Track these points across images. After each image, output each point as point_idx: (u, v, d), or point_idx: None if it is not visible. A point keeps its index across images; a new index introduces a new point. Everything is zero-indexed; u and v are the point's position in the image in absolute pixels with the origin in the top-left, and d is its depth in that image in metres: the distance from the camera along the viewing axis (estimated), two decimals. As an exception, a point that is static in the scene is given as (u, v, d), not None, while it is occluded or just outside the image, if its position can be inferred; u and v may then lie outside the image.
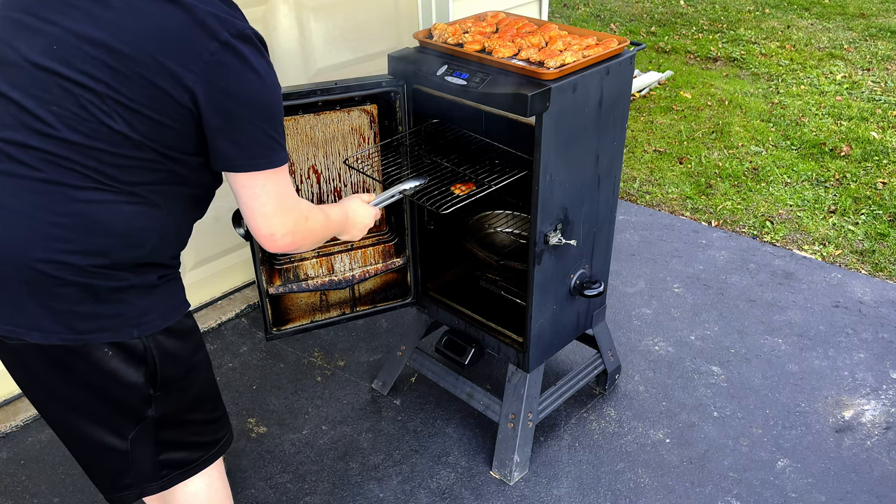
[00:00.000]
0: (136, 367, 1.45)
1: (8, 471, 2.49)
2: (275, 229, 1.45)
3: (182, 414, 1.59)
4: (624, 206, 4.02)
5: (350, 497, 2.39)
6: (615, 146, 2.23)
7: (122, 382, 1.45)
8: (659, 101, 5.36)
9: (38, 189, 1.32)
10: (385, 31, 3.33)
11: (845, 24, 6.98)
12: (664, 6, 7.84)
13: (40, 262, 1.32)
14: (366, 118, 2.24)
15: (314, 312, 2.46)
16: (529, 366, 2.34)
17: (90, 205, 1.33)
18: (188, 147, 1.37)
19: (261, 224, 1.44)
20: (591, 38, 2.11)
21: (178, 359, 1.52)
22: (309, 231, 1.54)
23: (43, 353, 1.40)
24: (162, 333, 1.47)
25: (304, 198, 2.31)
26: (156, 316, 1.45)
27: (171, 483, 1.63)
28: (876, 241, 3.67)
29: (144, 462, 1.57)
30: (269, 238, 1.46)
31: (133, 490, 1.60)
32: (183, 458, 1.63)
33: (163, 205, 1.42)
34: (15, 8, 1.34)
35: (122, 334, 1.41)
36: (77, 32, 1.28)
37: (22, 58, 1.30)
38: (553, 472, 2.45)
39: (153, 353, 1.46)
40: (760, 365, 2.90)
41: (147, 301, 1.44)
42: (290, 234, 1.47)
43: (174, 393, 1.54)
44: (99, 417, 1.50)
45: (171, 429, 1.58)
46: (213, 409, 1.68)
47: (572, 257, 2.28)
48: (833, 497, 2.35)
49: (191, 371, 1.57)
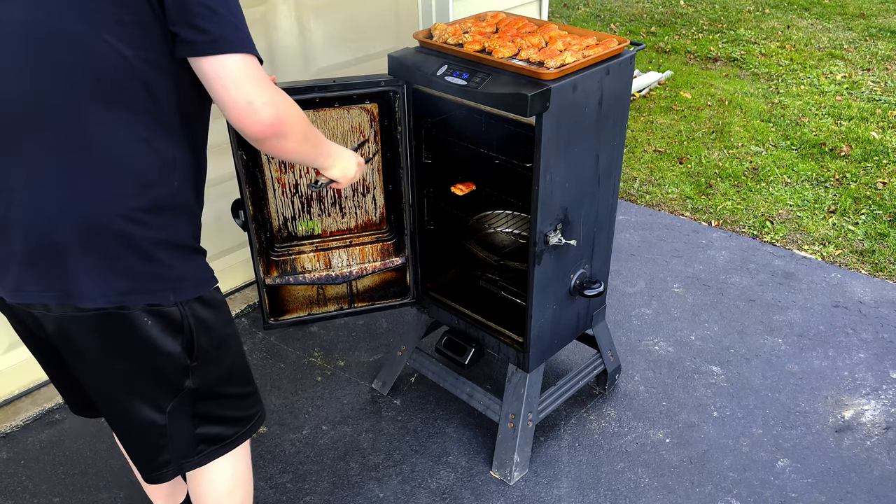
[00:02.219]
0: (173, 335, 1.50)
1: (8, 471, 2.49)
2: (252, 97, 1.34)
3: (217, 386, 1.63)
4: (624, 206, 4.02)
5: (350, 497, 2.39)
6: (615, 146, 2.23)
7: (161, 351, 1.50)
8: (659, 101, 5.37)
9: (63, 146, 1.36)
10: (385, 31, 3.33)
11: (845, 24, 6.99)
12: (664, 6, 7.84)
13: (86, 215, 1.37)
14: (366, 116, 2.24)
15: (311, 306, 2.46)
16: (529, 366, 2.34)
17: (112, 148, 1.37)
18: (160, 47, 1.36)
19: (236, 96, 1.34)
20: (591, 38, 2.11)
21: (212, 329, 1.56)
22: (292, 108, 1.44)
23: (84, 323, 1.44)
24: (197, 302, 1.52)
25: (304, 192, 2.32)
26: (190, 283, 1.50)
27: (207, 459, 1.67)
28: (876, 241, 3.67)
29: (182, 436, 1.61)
30: (248, 107, 1.34)
31: (171, 466, 1.64)
32: (219, 433, 1.67)
33: (171, 136, 1.43)
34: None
35: (160, 297, 1.45)
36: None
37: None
38: (553, 472, 2.46)
39: (189, 321, 1.50)
40: (760, 365, 2.90)
41: (183, 266, 1.49)
42: (271, 105, 1.36)
43: (210, 364, 1.58)
44: (138, 390, 1.54)
45: (207, 401, 1.62)
46: (246, 383, 1.73)
47: (572, 257, 2.28)
48: (833, 497, 2.35)
49: (224, 342, 1.62)
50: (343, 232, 2.44)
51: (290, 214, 2.34)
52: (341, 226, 2.43)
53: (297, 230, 2.38)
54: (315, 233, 2.41)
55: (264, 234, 2.31)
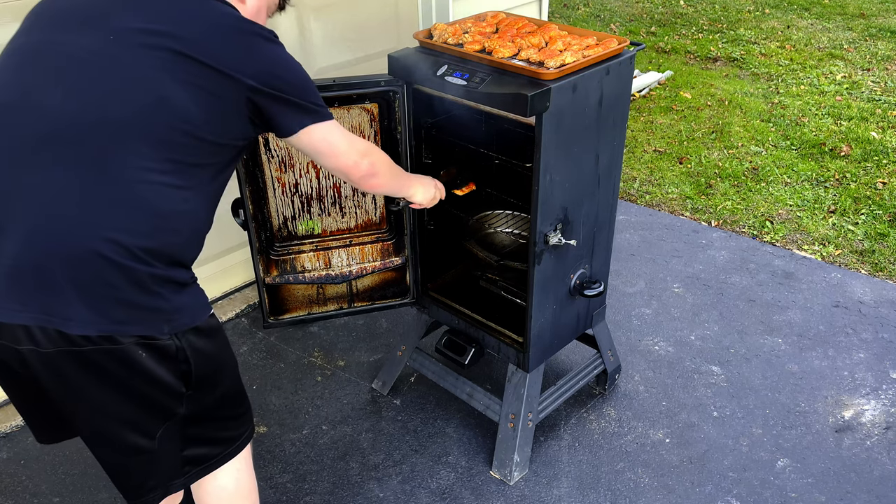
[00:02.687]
0: (168, 367, 1.48)
1: (8, 471, 2.49)
2: (355, 156, 1.67)
3: (210, 411, 1.62)
4: (624, 206, 4.02)
5: (350, 497, 2.39)
6: (615, 146, 2.23)
7: (155, 383, 1.48)
8: (659, 101, 5.37)
9: (91, 169, 1.37)
10: (385, 31, 3.33)
11: (845, 24, 6.99)
12: (664, 6, 7.84)
13: (93, 240, 1.35)
14: (366, 116, 2.24)
15: (311, 305, 2.47)
16: (529, 366, 2.34)
17: (138, 184, 1.39)
18: (235, 130, 1.52)
19: (344, 160, 1.66)
20: (591, 39, 2.11)
21: (208, 357, 1.55)
22: (381, 157, 1.78)
23: (77, 358, 1.40)
24: (192, 332, 1.50)
25: (304, 192, 2.32)
26: (186, 314, 1.49)
27: (192, 479, 1.65)
28: (876, 241, 3.67)
29: (169, 459, 1.59)
30: (356, 166, 1.68)
31: (158, 491, 1.62)
32: (205, 454, 1.65)
33: (198, 191, 1.49)
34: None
35: (154, 328, 1.44)
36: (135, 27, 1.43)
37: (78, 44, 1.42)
38: (553, 472, 2.46)
39: (186, 352, 1.49)
40: (760, 365, 2.90)
41: (180, 298, 1.48)
42: (366, 156, 1.70)
43: (204, 390, 1.57)
44: (129, 419, 1.52)
45: (198, 425, 1.60)
46: (239, 404, 1.72)
47: (572, 257, 2.28)
48: (833, 497, 2.35)
49: (219, 369, 1.61)
50: (343, 231, 2.44)
51: (289, 214, 2.34)
52: (341, 225, 2.43)
53: (296, 229, 2.38)
54: (315, 232, 2.41)
55: (264, 233, 2.31)
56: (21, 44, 1.48)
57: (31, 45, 1.46)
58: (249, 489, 1.82)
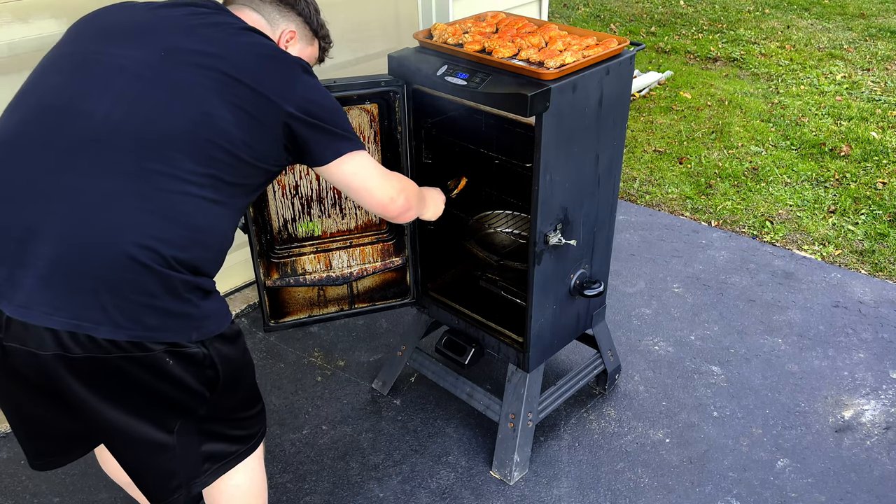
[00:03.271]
0: (194, 374, 1.49)
1: (8, 471, 2.49)
2: (392, 192, 1.73)
3: (228, 412, 1.65)
4: (624, 206, 4.03)
5: (350, 497, 2.39)
6: (615, 146, 2.23)
7: (182, 389, 1.49)
8: (659, 101, 5.37)
9: (133, 176, 1.39)
10: (385, 31, 3.33)
11: (845, 24, 6.99)
12: (664, 6, 7.84)
13: (132, 246, 1.36)
14: (366, 117, 2.24)
15: (312, 307, 2.46)
16: (529, 366, 2.34)
17: (177, 196, 1.42)
18: (270, 154, 1.57)
19: (379, 196, 1.71)
20: (591, 39, 2.11)
21: (233, 362, 1.58)
22: (412, 190, 1.83)
23: (105, 364, 1.40)
24: (218, 340, 1.52)
25: (304, 194, 2.32)
26: (213, 321, 1.51)
27: (212, 477, 1.67)
28: (876, 241, 3.67)
29: (189, 455, 1.61)
30: (392, 202, 1.73)
31: (182, 491, 1.62)
32: (222, 451, 1.67)
33: (230, 208, 1.54)
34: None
35: (184, 335, 1.45)
36: (186, 47, 1.51)
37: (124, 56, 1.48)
38: (553, 472, 2.46)
39: (214, 359, 1.51)
40: (760, 365, 2.90)
41: (208, 306, 1.50)
42: (402, 193, 1.75)
43: (226, 395, 1.59)
44: (151, 417, 1.53)
45: (214, 422, 1.62)
46: (255, 404, 1.75)
47: (572, 257, 2.28)
48: (833, 497, 2.35)
49: (241, 372, 1.63)
50: (343, 233, 2.44)
51: (290, 216, 2.34)
52: (341, 227, 2.43)
53: (297, 232, 2.38)
54: (315, 234, 2.41)
55: (264, 236, 2.31)
56: (69, 52, 1.52)
57: (79, 53, 1.50)
58: (262, 488, 1.85)
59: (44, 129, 1.42)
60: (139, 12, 1.58)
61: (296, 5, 1.78)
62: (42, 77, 1.51)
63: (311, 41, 1.85)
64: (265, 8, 1.74)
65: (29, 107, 1.46)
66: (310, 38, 1.84)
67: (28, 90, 1.50)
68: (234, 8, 1.71)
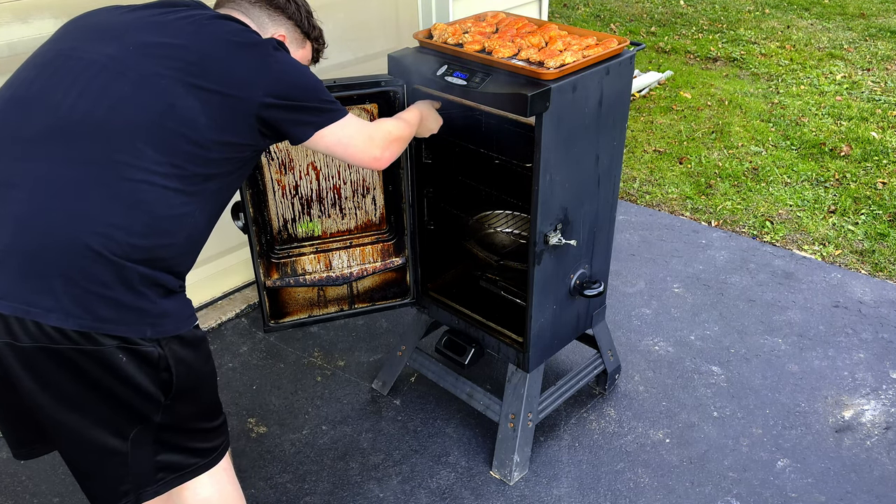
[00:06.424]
0: (148, 374, 1.47)
1: (8, 471, 2.49)
2: (373, 153, 1.76)
3: (185, 421, 1.61)
4: (624, 206, 4.02)
5: (350, 497, 2.39)
6: (615, 146, 2.23)
7: (134, 389, 1.47)
8: (659, 101, 5.37)
9: (96, 165, 1.40)
10: (385, 31, 3.33)
11: (845, 24, 6.99)
12: (664, 6, 7.84)
13: (87, 234, 1.36)
14: (366, 117, 2.24)
15: (312, 307, 2.46)
16: (529, 366, 2.34)
17: (140, 184, 1.42)
18: (243, 140, 1.56)
19: (362, 157, 1.74)
20: (591, 39, 2.11)
21: (191, 368, 1.55)
22: (395, 137, 1.84)
23: (53, 354, 1.39)
24: (176, 341, 1.50)
25: (304, 194, 2.32)
26: (171, 321, 1.49)
27: (166, 487, 1.62)
28: (876, 241, 3.67)
29: (142, 463, 1.57)
30: (376, 161, 1.78)
31: (130, 496, 1.59)
32: (179, 462, 1.62)
33: (199, 198, 1.52)
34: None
35: (137, 331, 1.43)
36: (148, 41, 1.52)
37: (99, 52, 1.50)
38: (553, 472, 2.46)
39: (168, 361, 1.48)
40: (760, 365, 2.90)
41: (167, 304, 1.48)
42: (385, 149, 1.79)
43: (183, 402, 1.56)
44: (103, 420, 1.50)
45: (171, 432, 1.58)
46: (215, 417, 1.70)
47: (572, 257, 2.28)
48: (833, 497, 2.35)
49: (200, 381, 1.60)
50: (343, 233, 2.44)
51: (290, 216, 2.34)
52: (341, 227, 2.43)
53: (297, 232, 2.38)
54: (315, 234, 2.41)
55: (264, 236, 2.31)
56: (47, 49, 1.56)
57: (55, 51, 1.54)
58: (235, 498, 1.78)
59: (14, 120, 1.44)
60: (119, 14, 1.60)
61: (286, 9, 1.79)
62: (19, 73, 1.55)
63: (302, 43, 1.86)
64: (254, 12, 1.75)
65: (3, 100, 1.49)
66: (301, 41, 1.85)
67: (6, 85, 1.53)
68: (223, 12, 1.72)
